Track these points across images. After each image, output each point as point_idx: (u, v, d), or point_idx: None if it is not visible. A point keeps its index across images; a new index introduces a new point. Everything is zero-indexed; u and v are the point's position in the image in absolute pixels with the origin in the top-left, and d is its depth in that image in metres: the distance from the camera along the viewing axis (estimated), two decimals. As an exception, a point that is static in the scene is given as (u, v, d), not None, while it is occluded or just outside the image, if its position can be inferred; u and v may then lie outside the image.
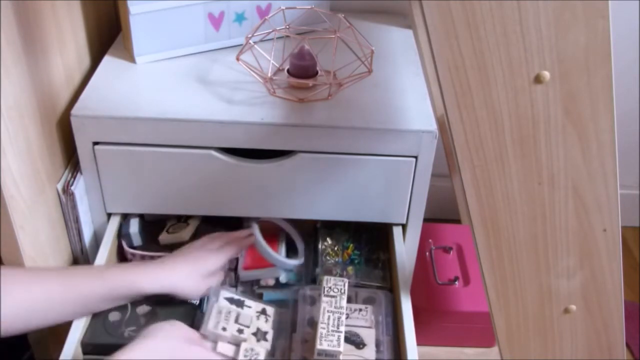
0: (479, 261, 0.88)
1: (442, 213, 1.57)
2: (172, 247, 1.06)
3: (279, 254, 1.06)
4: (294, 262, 1.05)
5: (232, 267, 1.07)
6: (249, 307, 0.93)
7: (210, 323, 0.87)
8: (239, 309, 0.91)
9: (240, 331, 0.88)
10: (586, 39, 0.72)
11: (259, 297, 1.07)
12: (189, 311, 0.94)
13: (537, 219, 0.84)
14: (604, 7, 0.70)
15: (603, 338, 0.95)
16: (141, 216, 1.08)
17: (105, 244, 1.01)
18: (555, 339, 0.95)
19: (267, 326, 0.91)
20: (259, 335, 0.89)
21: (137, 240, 1.05)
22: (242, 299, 0.93)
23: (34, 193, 0.91)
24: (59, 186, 0.98)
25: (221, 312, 0.89)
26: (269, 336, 0.90)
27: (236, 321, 0.89)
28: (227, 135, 0.95)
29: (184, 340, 0.82)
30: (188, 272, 0.92)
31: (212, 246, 0.98)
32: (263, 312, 0.93)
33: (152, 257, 1.02)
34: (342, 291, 0.91)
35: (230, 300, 0.92)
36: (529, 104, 0.76)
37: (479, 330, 1.34)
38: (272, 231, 1.12)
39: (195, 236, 1.08)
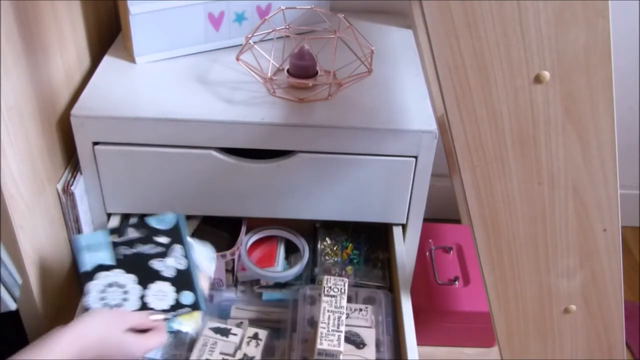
0: (479, 261, 0.88)
1: (442, 213, 1.57)
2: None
3: (276, 264, 1.07)
4: (290, 273, 1.05)
5: (230, 269, 1.07)
6: (235, 334, 0.93)
7: (194, 355, 0.90)
8: (224, 338, 0.93)
9: None
10: (586, 39, 0.72)
11: (258, 297, 1.07)
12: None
13: (537, 219, 0.84)
14: (604, 7, 0.70)
15: (603, 338, 0.95)
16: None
17: (105, 244, 1.01)
18: (555, 339, 0.95)
19: (255, 351, 0.92)
20: None
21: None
22: (228, 327, 0.94)
23: (34, 193, 0.91)
24: (59, 186, 0.98)
25: (206, 344, 0.92)
26: None
27: (221, 351, 0.91)
28: (227, 135, 0.95)
29: (115, 326, 0.77)
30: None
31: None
32: (255, 336, 0.94)
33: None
34: (342, 291, 0.91)
35: (216, 330, 0.93)
36: (529, 104, 0.76)
37: (479, 330, 1.34)
38: (268, 241, 1.12)
39: (194, 237, 1.08)
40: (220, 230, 1.10)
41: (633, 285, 1.56)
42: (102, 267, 0.84)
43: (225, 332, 0.94)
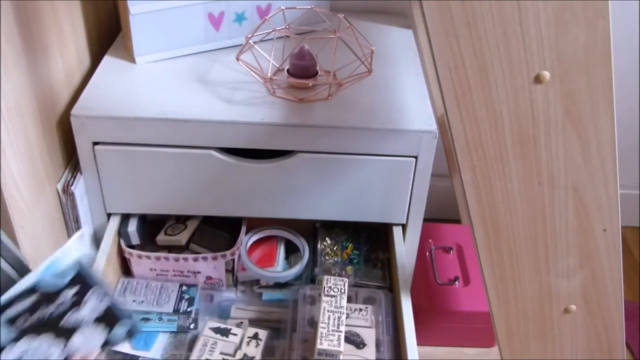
0: (479, 261, 0.88)
1: (442, 213, 1.57)
2: (169, 248, 1.06)
3: (276, 264, 1.07)
4: (290, 273, 1.05)
5: (230, 269, 1.07)
6: (235, 334, 0.93)
7: (194, 355, 0.90)
8: (224, 338, 0.93)
9: None
10: (586, 39, 0.72)
11: (258, 297, 1.07)
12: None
13: (537, 219, 0.84)
14: (604, 7, 0.70)
15: (603, 338, 0.95)
16: (143, 215, 1.08)
17: (105, 244, 1.01)
18: (555, 339, 0.95)
19: (256, 351, 0.92)
20: None
21: (135, 239, 1.05)
22: (228, 327, 0.94)
23: (34, 193, 0.91)
24: (59, 186, 0.98)
25: (206, 345, 0.92)
26: None
27: (221, 351, 0.91)
28: (227, 135, 0.95)
29: None
30: None
31: None
32: (255, 336, 0.94)
33: (148, 257, 1.02)
34: (342, 291, 0.91)
35: (216, 330, 0.93)
36: (529, 104, 0.76)
37: (479, 330, 1.34)
38: (268, 241, 1.12)
39: (195, 237, 1.08)
40: (220, 230, 1.10)
41: (633, 285, 1.56)
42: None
43: (225, 332, 0.94)
